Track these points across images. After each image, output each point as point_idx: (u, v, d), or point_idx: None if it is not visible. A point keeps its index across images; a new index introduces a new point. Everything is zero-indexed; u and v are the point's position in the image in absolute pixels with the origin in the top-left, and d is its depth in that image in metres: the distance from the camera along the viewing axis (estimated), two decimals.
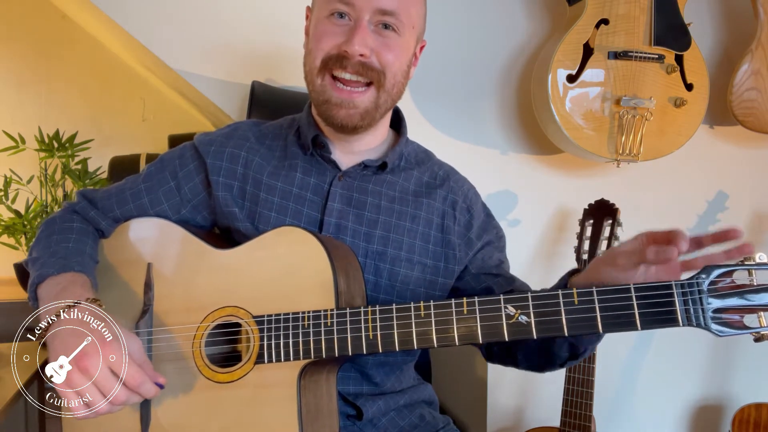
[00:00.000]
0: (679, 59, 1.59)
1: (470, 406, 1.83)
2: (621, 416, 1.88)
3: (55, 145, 1.84)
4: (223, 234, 1.06)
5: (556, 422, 1.56)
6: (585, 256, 1.53)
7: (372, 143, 1.05)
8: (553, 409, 1.58)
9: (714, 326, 0.70)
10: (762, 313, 0.70)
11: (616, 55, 1.56)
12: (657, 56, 1.57)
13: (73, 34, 2.15)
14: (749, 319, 0.70)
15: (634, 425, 1.89)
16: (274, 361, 0.84)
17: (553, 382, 1.65)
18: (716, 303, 0.70)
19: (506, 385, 1.81)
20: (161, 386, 0.82)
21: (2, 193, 1.81)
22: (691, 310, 0.70)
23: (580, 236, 1.56)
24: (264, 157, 1.02)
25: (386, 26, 0.94)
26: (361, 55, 0.92)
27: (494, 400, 1.79)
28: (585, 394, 1.51)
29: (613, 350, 1.82)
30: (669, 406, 1.91)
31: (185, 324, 0.91)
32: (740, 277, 0.71)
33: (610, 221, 1.52)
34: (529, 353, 0.98)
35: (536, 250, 1.79)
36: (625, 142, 1.56)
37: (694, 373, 1.90)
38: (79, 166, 1.83)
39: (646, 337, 1.86)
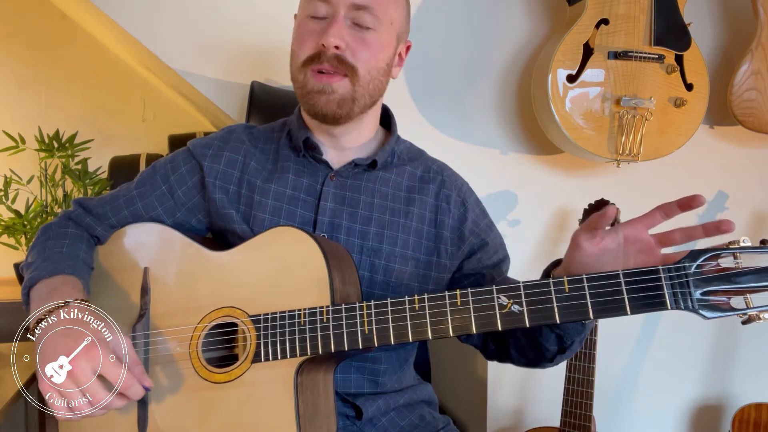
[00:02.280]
0: (679, 59, 1.58)
1: (470, 406, 1.83)
2: (621, 416, 1.88)
3: (55, 145, 1.84)
4: (218, 238, 1.06)
5: (556, 422, 1.56)
6: None
7: (360, 140, 1.05)
8: (553, 409, 1.58)
9: (701, 309, 0.71)
10: (748, 295, 0.70)
11: (616, 55, 1.56)
12: (657, 56, 1.56)
13: (73, 33, 2.15)
14: (736, 301, 0.71)
15: (634, 425, 1.88)
16: (270, 359, 0.84)
17: (553, 382, 1.65)
18: (703, 286, 0.71)
19: (506, 385, 1.81)
20: (147, 389, 0.81)
21: (2, 193, 1.81)
22: (679, 294, 0.71)
23: None
24: (259, 161, 1.03)
25: (363, 23, 0.94)
26: (336, 47, 0.92)
27: (494, 400, 1.79)
28: (585, 394, 1.51)
29: (613, 350, 1.82)
30: (669, 406, 1.90)
31: (182, 326, 0.91)
32: (726, 260, 0.72)
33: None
34: (521, 348, 0.98)
35: (536, 250, 1.79)
36: (625, 142, 1.56)
37: (694, 373, 1.90)
38: (79, 166, 1.84)
39: (646, 338, 1.86)
